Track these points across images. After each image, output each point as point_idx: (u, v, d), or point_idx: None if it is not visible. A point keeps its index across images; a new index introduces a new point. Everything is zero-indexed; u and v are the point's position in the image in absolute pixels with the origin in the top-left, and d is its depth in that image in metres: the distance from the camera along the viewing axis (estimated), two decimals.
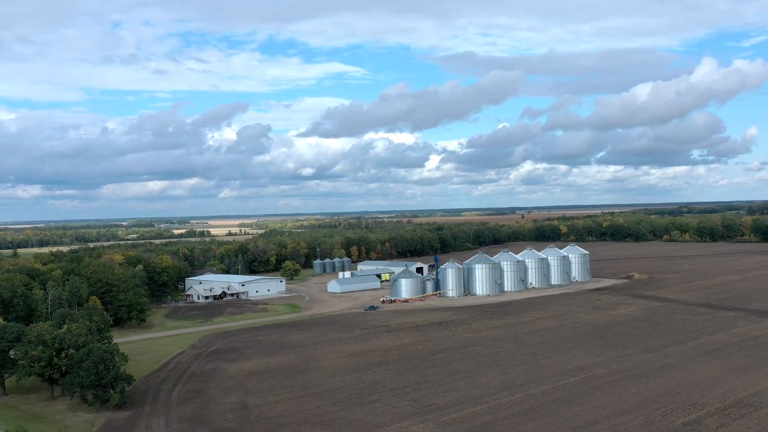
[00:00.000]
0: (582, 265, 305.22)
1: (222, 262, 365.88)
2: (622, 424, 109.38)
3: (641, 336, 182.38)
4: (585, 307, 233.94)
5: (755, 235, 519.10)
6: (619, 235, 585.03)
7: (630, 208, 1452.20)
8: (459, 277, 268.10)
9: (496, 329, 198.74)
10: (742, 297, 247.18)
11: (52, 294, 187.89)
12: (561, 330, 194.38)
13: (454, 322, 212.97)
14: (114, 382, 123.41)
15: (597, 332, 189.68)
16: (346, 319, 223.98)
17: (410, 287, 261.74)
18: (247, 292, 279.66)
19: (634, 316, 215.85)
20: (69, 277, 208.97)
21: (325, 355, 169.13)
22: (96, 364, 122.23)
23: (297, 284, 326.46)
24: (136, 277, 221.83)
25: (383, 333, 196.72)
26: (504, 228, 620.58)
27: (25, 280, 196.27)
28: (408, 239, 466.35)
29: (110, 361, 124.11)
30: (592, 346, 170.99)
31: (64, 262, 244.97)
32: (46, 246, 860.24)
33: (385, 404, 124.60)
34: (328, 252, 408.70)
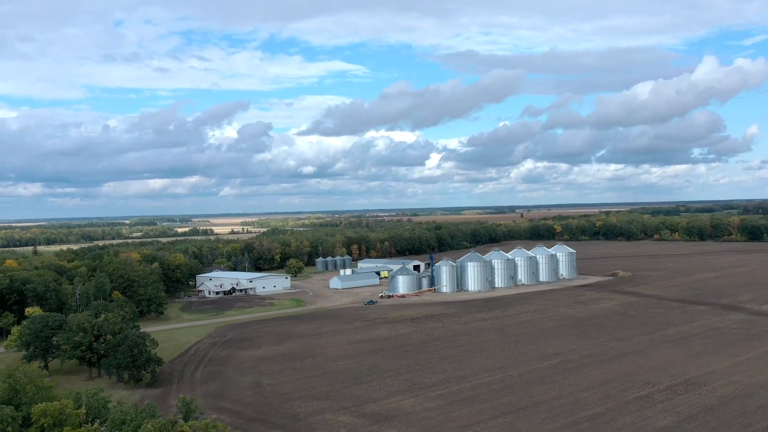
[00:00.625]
0: (569, 263, 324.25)
1: (229, 260, 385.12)
2: (583, 398, 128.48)
3: (615, 327, 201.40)
4: (567, 302, 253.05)
5: (742, 235, 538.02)
6: (612, 235, 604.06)
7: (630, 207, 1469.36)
8: (452, 274, 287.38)
9: (484, 321, 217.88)
10: (714, 293, 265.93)
11: (80, 289, 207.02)
12: (543, 322, 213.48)
13: (446, 315, 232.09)
14: (146, 363, 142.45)
15: (575, 324, 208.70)
16: (347, 313, 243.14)
17: (407, 283, 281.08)
18: (255, 288, 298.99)
19: (612, 309, 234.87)
20: (93, 273, 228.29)
21: (329, 344, 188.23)
22: (131, 348, 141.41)
23: (301, 281, 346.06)
24: (154, 273, 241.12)
25: (381, 324, 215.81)
26: (500, 227, 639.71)
27: (54, 276, 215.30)
28: (407, 238, 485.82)
29: (143, 346, 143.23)
30: (568, 336, 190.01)
31: (86, 260, 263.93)
32: (53, 244, 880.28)
33: (381, 383, 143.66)
34: (330, 250, 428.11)
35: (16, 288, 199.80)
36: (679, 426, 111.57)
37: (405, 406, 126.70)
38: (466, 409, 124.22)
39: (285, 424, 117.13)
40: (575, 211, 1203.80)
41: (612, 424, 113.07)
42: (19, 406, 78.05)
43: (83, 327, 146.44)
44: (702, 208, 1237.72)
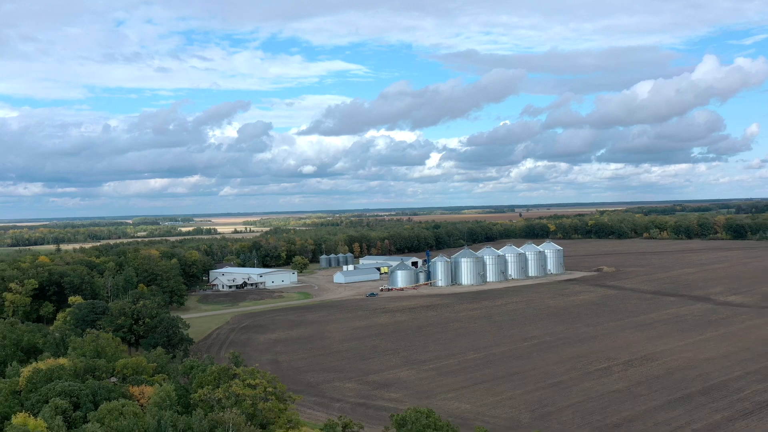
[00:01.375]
0: (556, 259, 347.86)
1: (238, 257, 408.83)
2: (552, 369, 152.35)
3: (590, 315, 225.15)
4: (551, 294, 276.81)
5: (727, 233, 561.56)
6: (603, 233, 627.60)
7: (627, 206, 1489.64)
8: (447, 269, 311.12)
9: (474, 310, 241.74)
10: (688, 286, 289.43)
11: (111, 281, 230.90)
12: (526, 311, 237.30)
13: (440, 305, 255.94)
14: (180, 342, 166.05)
15: (556, 312, 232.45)
16: (350, 304, 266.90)
17: (405, 278, 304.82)
18: (265, 282, 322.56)
19: (590, 300, 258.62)
20: (121, 268, 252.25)
21: (335, 329, 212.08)
22: (166, 329, 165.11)
23: (306, 276, 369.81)
24: (174, 268, 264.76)
25: (381, 313, 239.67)
26: (496, 226, 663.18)
27: (86, 270, 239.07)
28: (406, 237, 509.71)
29: (176, 327, 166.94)
30: (548, 322, 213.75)
31: (112, 256, 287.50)
32: (61, 243, 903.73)
33: (381, 359, 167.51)
34: (333, 248, 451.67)
35: (54, 280, 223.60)
36: (628, 389, 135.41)
37: (402, 377, 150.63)
38: (453, 378, 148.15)
39: (303, 389, 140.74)
40: (574, 211, 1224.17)
41: (573, 388, 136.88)
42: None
43: (124, 312, 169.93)
44: (698, 207, 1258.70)
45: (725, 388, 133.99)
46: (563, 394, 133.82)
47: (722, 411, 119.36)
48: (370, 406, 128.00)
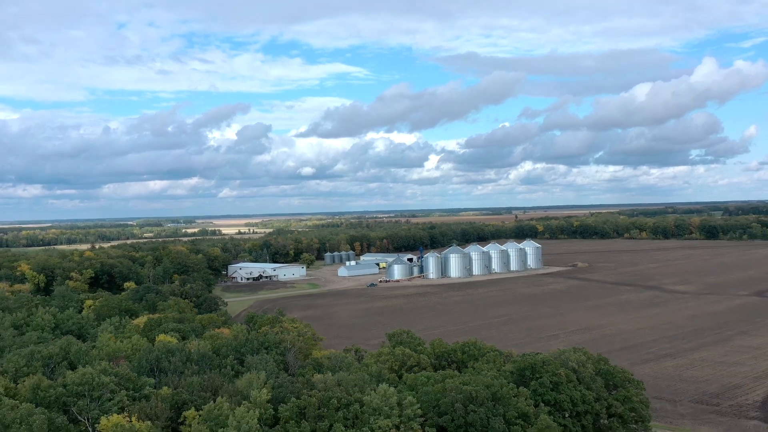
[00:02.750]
0: (535, 255, 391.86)
1: (251, 254, 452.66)
2: (512, 336, 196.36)
3: (554, 300, 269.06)
4: (526, 284, 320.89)
5: (701, 234, 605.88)
6: (587, 234, 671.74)
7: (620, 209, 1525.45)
8: (438, 263, 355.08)
9: (458, 296, 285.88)
10: (646, 278, 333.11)
11: (152, 271, 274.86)
12: (502, 297, 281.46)
13: (430, 293, 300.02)
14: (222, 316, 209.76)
15: (526, 298, 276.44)
16: (353, 292, 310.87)
17: (401, 271, 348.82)
18: (278, 275, 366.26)
19: (558, 289, 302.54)
20: (158, 261, 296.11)
21: (341, 310, 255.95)
22: (210, 305, 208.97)
23: (313, 271, 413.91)
24: (202, 261, 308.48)
25: (379, 299, 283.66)
26: (488, 227, 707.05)
27: (130, 262, 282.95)
28: (402, 236, 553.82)
29: (217, 304, 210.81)
30: (517, 305, 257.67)
31: (148, 251, 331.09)
32: (74, 244, 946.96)
33: (379, 330, 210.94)
34: (336, 246, 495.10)
35: (106, 270, 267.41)
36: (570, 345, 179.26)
37: None
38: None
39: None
40: (571, 213, 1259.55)
41: (526, 347, 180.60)
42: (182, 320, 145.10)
43: (174, 292, 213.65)
44: (690, 209, 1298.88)
45: (639, 347, 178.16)
46: (518, 351, 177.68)
47: (630, 359, 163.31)
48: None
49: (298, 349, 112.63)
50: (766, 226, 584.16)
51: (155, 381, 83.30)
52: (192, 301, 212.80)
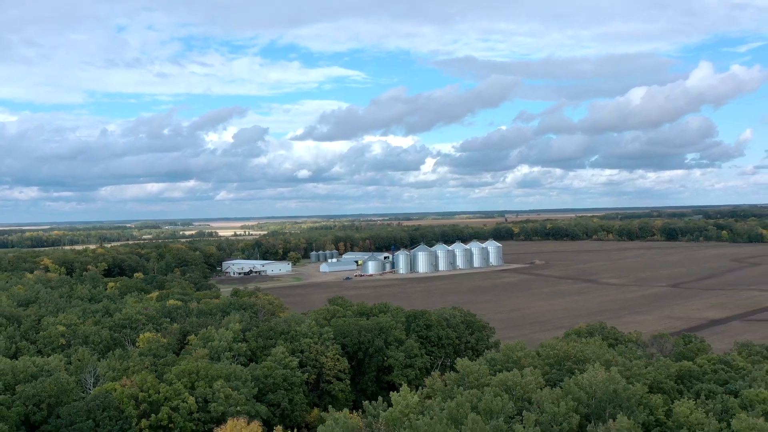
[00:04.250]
0: (496, 254, 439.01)
1: (243, 253, 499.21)
2: None
3: (499, 290, 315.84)
4: (482, 278, 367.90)
5: (662, 235, 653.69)
6: (559, 235, 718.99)
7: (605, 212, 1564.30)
8: (407, 260, 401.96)
9: (419, 287, 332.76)
10: (590, 273, 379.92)
11: (156, 265, 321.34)
12: (456, 288, 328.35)
13: (396, 284, 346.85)
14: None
15: (476, 289, 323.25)
16: (330, 284, 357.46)
17: (374, 267, 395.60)
18: (266, 271, 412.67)
19: (508, 282, 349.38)
20: (161, 256, 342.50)
21: (315, 298, 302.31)
22: (205, 288, 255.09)
23: (299, 268, 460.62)
24: (199, 257, 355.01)
25: (351, 289, 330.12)
26: (467, 229, 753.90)
27: (137, 258, 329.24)
28: (384, 237, 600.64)
29: (211, 288, 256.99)
30: (466, 294, 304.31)
31: (152, 248, 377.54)
32: (77, 244, 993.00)
33: None
34: (322, 246, 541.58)
35: (117, 264, 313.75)
36: (493, 322, 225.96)
37: None
38: None
39: None
40: (565, 216, 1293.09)
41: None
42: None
43: (176, 279, 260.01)
44: (675, 213, 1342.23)
45: (545, 322, 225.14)
46: None
47: (532, 329, 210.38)
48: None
49: (267, 310, 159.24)
50: (721, 228, 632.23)
51: (169, 321, 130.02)
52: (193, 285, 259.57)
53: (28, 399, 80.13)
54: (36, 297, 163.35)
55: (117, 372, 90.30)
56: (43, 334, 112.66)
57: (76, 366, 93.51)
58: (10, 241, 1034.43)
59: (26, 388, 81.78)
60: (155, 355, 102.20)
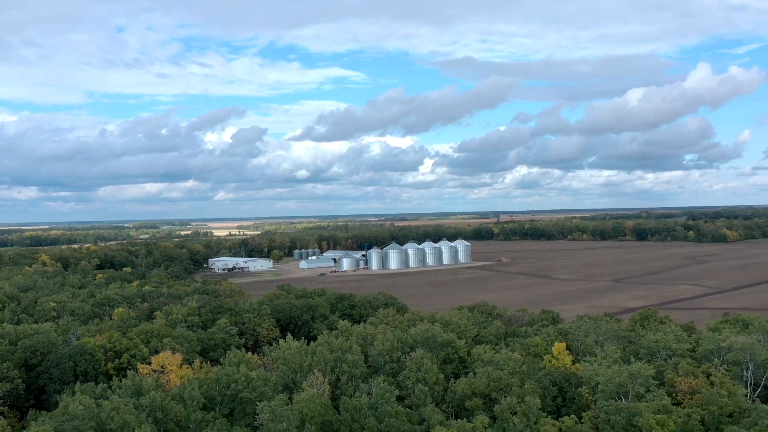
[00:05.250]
0: (465, 252, 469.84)
1: (230, 251, 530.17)
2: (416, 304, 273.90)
3: (458, 284, 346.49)
4: (446, 274, 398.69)
5: (632, 236, 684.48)
6: (536, 235, 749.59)
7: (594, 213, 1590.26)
8: (379, 257, 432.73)
9: (385, 281, 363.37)
10: (547, 270, 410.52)
11: (145, 261, 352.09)
12: (420, 282, 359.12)
13: (365, 279, 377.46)
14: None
15: (438, 283, 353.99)
16: (305, 279, 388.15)
17: (348, 263, 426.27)
18: (248, 267, 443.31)
19: (469, 277, 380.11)
20: (149, 253, 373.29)
21: None
22: (184, 279, 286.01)
23: (281, 264, 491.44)
24: (184, 254, 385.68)
25: (323, 283, 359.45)
26: (449, 229, 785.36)
27: (127, 255, 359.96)
28: (366, 236, 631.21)
29: (192, 280, 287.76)
30: (428, 287, 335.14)
31: (142, 246, 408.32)
32: (75, 243, 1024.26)
33: None
34: (305, 245, 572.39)
35: (108, 259, 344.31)
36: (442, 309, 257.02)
37: None
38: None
39: None
40: (562, 217, 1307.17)
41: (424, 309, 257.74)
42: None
43: (160, 273, 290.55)
44: (663, 214, 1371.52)
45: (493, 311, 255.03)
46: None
47: None
48: None
49: (227, 295, 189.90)
50: (689, 229, 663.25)
51: (141, 301, 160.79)
52: (175, 278, 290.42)
53: (27, 349, 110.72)
54: (34, 284, 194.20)
55: (93, 333, 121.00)
56: (39, 309, 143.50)
57: (63, 329, 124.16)
58: (10, 240, 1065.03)
59: (25, 341, 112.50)
60: (125, 323, 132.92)
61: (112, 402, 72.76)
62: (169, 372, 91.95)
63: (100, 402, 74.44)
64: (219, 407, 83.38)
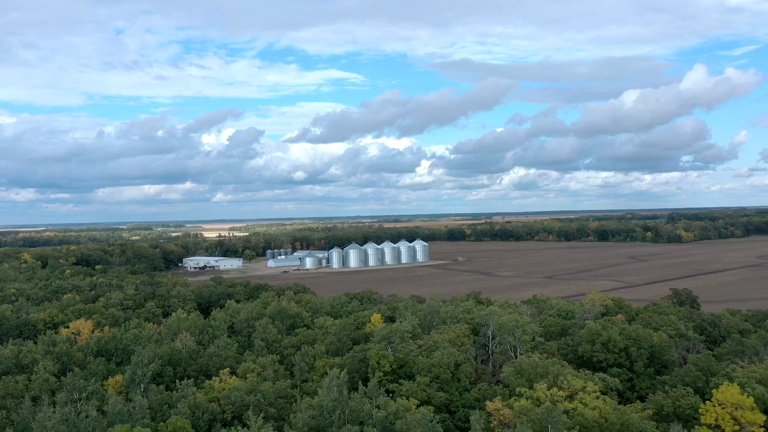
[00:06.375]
0: (423, 251, 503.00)
1: (207, 251, 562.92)
2: None
3: (407, 280, 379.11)
4: (400, 271, 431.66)
5: (595, 237, 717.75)
6: (505, 236, 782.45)
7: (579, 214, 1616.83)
8: (339, 256, 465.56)
9: (341, 278, 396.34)
10: (496, 268, 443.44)
11: (118, 259, 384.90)
12: (372, 278, 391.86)
13: (324, 276, 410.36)
14: None
15: (387, 279, 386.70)
16: (268, 276, 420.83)
17: (311, 262, 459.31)
18: (219, 266, 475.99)
19: (419, 274, 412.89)
20: (123, 253, 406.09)
21: None
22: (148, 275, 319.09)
23: (252, 263, 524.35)
24: (157, 254, 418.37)
25: (283, 280, 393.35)
26: (422, 230, 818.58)
27: (102, 253, 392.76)
28: (339, 237, 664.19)
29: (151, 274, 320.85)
30: (375, 283, 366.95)
31: (118, 246, 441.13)
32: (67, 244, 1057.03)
33: None
34: (279, 245, 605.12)
35: (85, 258, 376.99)
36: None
37: None
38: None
39: None
40: (558, 218, 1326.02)
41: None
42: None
43: (127, 270, 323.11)
44: (648, 216, 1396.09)
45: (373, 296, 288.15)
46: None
47: None
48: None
49: (171, 286, 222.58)
50: (648, 230, 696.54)
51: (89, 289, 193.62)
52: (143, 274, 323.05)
53: None
54: (6, 277, 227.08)
55: (39, 311, 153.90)
56: (1, 295, 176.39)
57: (17, 308, 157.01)
58: (4, 241, 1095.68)
59: None
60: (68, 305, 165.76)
61: (28, 347, 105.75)
62: (83, 334, 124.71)
63: (21, 348, 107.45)
64: (114, 356, 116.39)
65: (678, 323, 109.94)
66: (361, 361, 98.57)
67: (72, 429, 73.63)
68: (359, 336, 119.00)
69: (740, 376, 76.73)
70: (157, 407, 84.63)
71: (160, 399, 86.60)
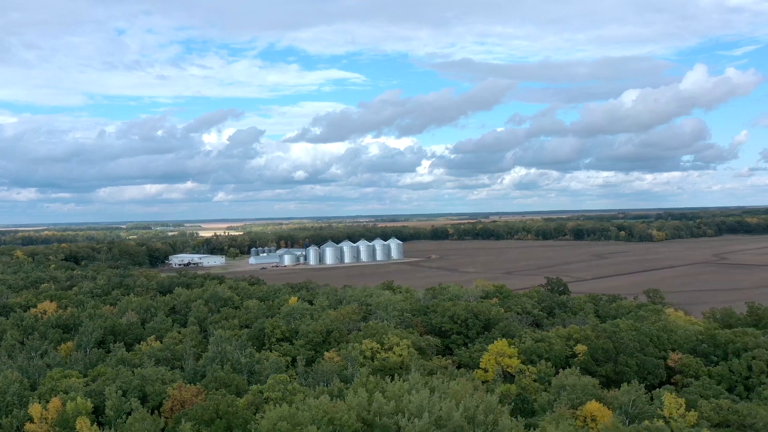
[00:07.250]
0: (397, 249, 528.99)
1: (194, 249, 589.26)
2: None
3: (378, 275, 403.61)
4: (372, 268, 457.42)
5: (571, 236, 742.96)
6: (486, 235, 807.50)
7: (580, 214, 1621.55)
8: (316, 254, 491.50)
9: (317, 274, 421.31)
10: (465, 266, 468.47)
11: (105, 255, 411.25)
12: (344, 274, 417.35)
13: (299, 272, 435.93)
14: None
15: (359, 275, 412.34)
16: (248, 272, 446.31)
17: (289, 259, 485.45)
18: (202, 263, 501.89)
19: (389, 270, 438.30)
20: (110, 250, 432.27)
21: None
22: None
23: (235, 260, 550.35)
24: (142, 251, 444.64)
25: (261, 275, 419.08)
26: (407, 229, 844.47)
27: (90, 251, 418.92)
28: (323, 236, 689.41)
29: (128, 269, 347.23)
30: (345, 279, 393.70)
31: (106, 244, 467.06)
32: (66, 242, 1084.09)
33: None
34: (264, 243, 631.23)
35: (73, 255, 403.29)
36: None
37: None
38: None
39: None
40: (557, 218, 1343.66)
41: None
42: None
43: (109, 266, 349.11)
44: (639, 215, 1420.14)
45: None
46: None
47: None
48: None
49: (143, 278, 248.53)
50: (621, 230, 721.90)
51: (66, 280, 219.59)
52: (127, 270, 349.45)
53: None
54: None
55: (17, 296, 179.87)
56: None
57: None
58: (4, 240, 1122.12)
59: None
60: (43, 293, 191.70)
61: (0, 321, 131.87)
62: (48, 313, 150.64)
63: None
64: (72, 330, 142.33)
65: (527, 303, 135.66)
66: (260, 330, 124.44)
67: (23, 373, 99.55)
68: (274, 314, 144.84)
69: (528, 336, 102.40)
70: (94, 362, 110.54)
71: (97, 356, 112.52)
